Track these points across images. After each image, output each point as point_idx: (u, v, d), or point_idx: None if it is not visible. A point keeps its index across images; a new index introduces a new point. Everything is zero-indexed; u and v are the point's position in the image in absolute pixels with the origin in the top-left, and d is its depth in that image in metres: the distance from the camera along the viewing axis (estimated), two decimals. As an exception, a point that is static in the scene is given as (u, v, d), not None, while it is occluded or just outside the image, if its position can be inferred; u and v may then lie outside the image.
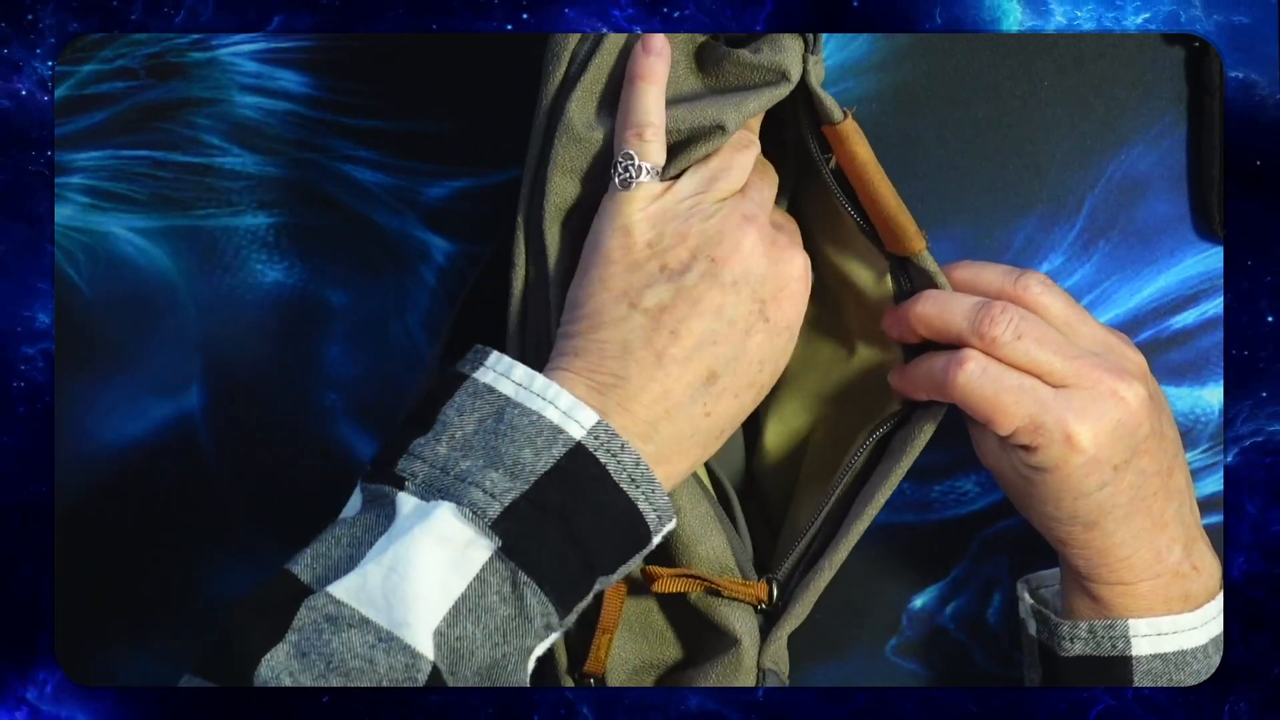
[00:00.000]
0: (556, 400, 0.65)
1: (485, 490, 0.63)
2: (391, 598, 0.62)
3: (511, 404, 0.65)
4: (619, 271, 0.67)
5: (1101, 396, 0.70)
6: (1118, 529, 0.72)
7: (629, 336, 0.67)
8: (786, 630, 0.74)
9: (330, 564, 0.63)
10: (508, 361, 0.66)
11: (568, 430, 0.64)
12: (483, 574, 0.63)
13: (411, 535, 0.62)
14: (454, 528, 0.63)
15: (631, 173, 0.68)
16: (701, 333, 0.67)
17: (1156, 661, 0.73)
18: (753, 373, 0.68)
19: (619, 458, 0.65)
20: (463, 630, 0.62)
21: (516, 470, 0.64)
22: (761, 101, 0.70)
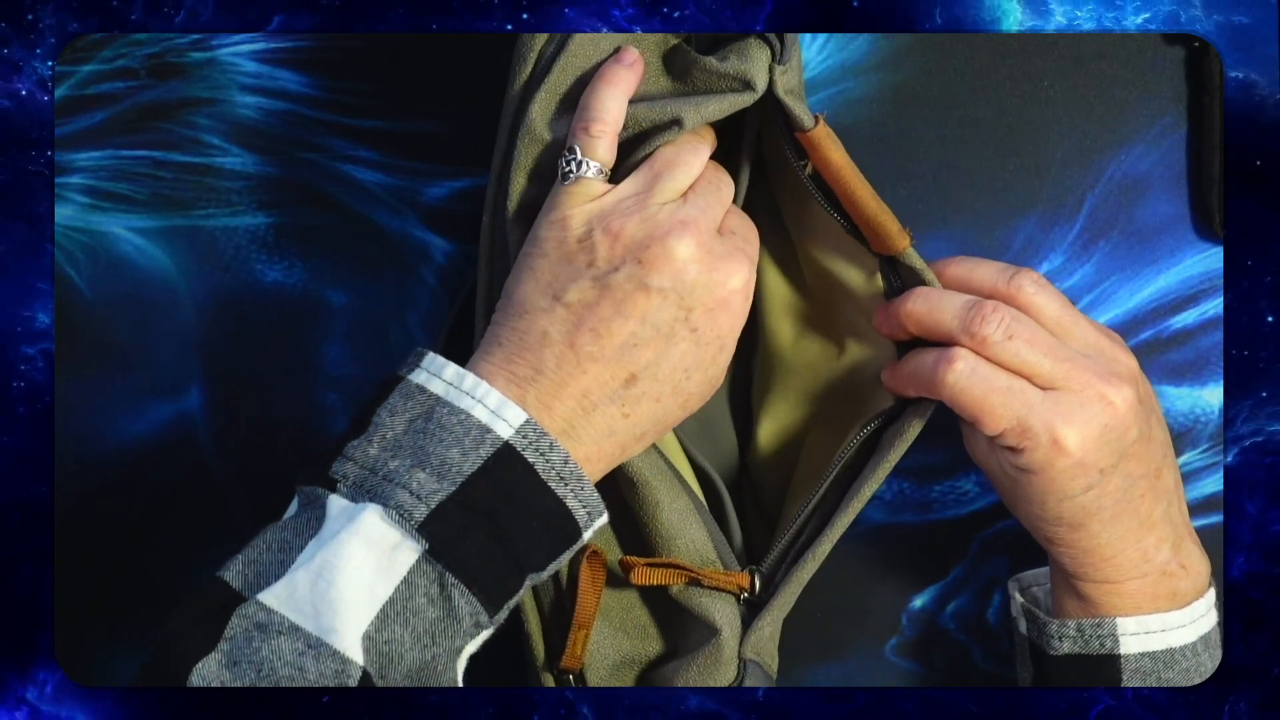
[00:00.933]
0: (485, 399, 0.65)
1: (412, 492, 0.63)
2: (319, 604, 0.62)
3: (441, 403, 0.65)
4: (548, 264, 0.67)
5: (1089, 400, 0.70)
6: (1104, 530, 0.72)
7: (549, 328, 0.66)
8: (769, 621, 0.74)
9: (261, 570, 0.63)
10: (440, 361, 0.66)
11: (495, 429, 0.64)
12: (410, 577, 0.63)
13: (338, 539, 0.62)
14: (380, 530, 0.63)
15: (574, 167, 0.68)
16: (624, 335, 0.66)
17: (1145, 660, 0.73)
18: (677, 379, 0.68)
19: (547, 456, 0.65)
20: (391, 634, 0.62)
21: (444, 471, 0.63)
22: (723, 105, 0.70)
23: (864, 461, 0.75)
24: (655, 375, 0.67)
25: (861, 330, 0.77)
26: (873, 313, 0.75)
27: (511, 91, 0.72)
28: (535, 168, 0.70)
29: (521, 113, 0.71)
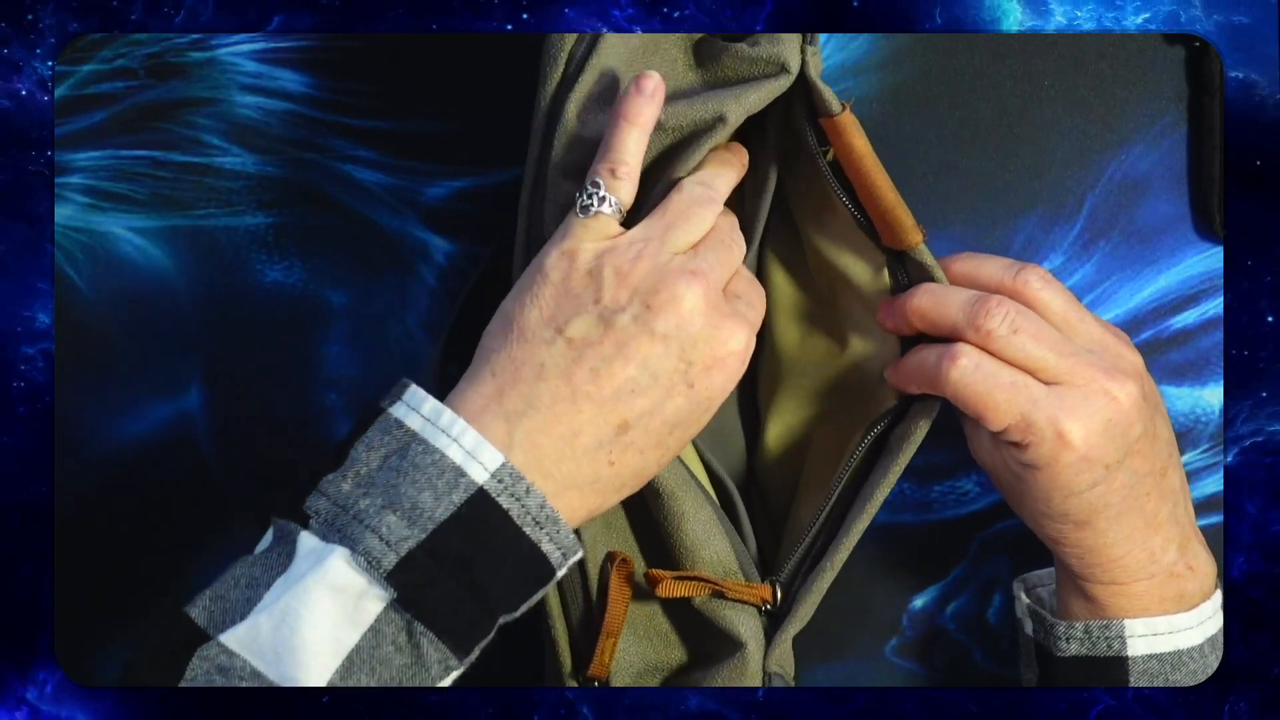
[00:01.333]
0: (461, 438, 0.63)
1: (381, 537, 0.61)
2: (281, 650, 0.60)
3: (417, 440, 0.63)
4: (553, 293, 0.65)
5: (1094, 395, 0.70)
6: (1110, 528, 0.72)
7: (547, 361, 0.64)
8: (791, 633, 0.74)
9: (227, 607, 0.62)
10: (420, 395, 0.64)
11: (470, 473, 0.62)
12: (377, 625, 0.61)
13: (304, 583, 0.61)
14: (347, 577, 0.61)
15: (594, 202, 0.67)
16: (623, 379, 0.64)
17: (1152, 662, 0.73)
18: (663, 433, 0.66)
19: (523, 501, 0.63)
20: (357, 681, 0.61)
21: (414, 516, 0.62)
22: (762, 94, 0.70)
23: (871, 464, 0.75)
24: (646, 426, 0.65)
25: (865, 327, 0.77)
26: (878, 309, 0.75)
27: (543, 92, 0.71)
28: (574, 168, 0.70)
29: (556, 114, 0.70)
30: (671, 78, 0.72)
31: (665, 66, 0.72)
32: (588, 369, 0.64)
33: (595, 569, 0.74)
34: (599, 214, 0.67)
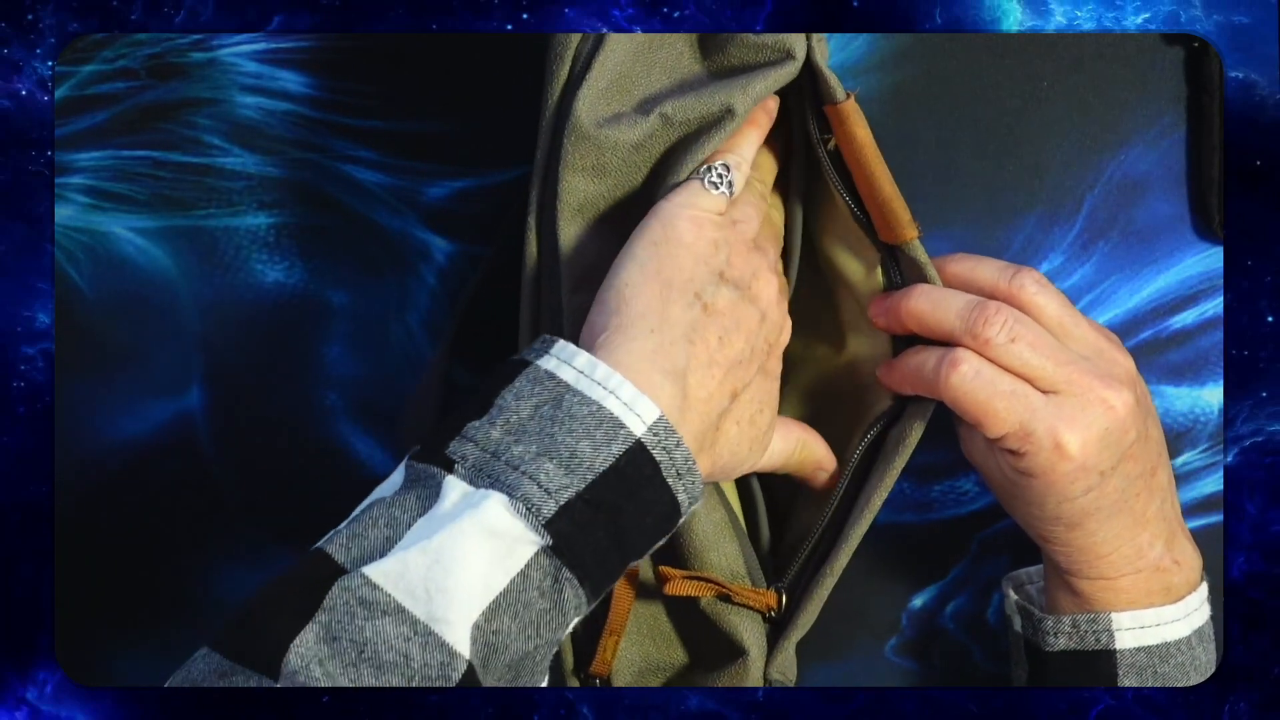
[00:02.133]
0: (619, 391, 0.63)
1: (540, 484, 0.61)
2: (433, 590, 0.60)
3: (571, 391, 0.63)
4: (688, 255, 0.67)
5: (1091, 404, 0.70)
6: (1100, 528, 0.72)
7: (692, 325, 0.66)
8: (794, 640, 0.74)
9: (367, 545, 0.61)
10: (571, 349, 0.64)
11: (628, 425, 0.63)
12: (527, 569, 0.61)
13: (459, 524, 0.60)
14: (505, 521, 0.61)
15: (720, 182, 0.69)
16: (738, 350, 0.67)
17: (1140, 655, 0.73)
18: (755, 408, 0.69)
19: (672, 454, 0.64)
20: (499, 624, 0.61)
21: (573, 464, 0.62)
22: (768, 83, 0.70)
23: (869, 466, 0.75)
24: (744, 398, 0.68)
25: (859, 326, 0.77)
26: (869, 306, 0.75)
27: (550, 90, 0.71)
28: (585, 166, 0.70)
29: (565, 111, 0.70)
30: (677, 68, 0.72)
31: (670, 57, 0.72)
32: (716, 337, 0.67)
33: None
34: (721, 193, 0.69)
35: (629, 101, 0.71)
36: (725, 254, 0.68)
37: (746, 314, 0.68)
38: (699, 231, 0.68)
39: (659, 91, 0.71)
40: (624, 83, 0.71)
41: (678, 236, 0.67)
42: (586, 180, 0.70)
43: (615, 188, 0.71)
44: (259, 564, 0.83)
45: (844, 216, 0.75)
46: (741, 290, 0.68)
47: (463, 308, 0.80)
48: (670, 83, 0.72)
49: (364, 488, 0.83)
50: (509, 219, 0.81)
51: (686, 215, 0.68)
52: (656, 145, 0.71)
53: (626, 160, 0.70)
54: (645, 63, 0.71)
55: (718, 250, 0.68)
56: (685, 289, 0.66)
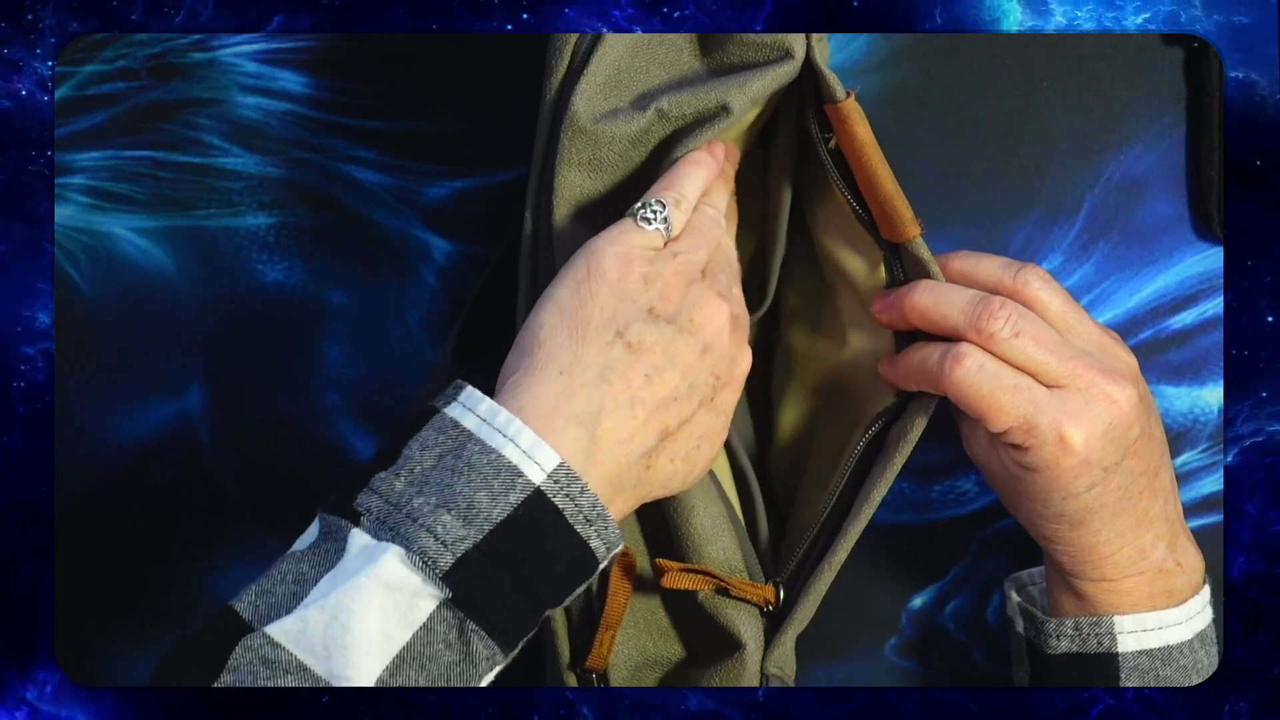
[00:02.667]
0: (518, 438, 0.63)
1: (437, 536, 0.61)
2: (332, 647, 0.60)
3: (472, 439, 0.63)
4: (611, 292, 0.66)
5: (1095, 399, 0.70)
6: (1103, 527, 0.72)
7: (609, 364, 0.65)
8: (792, 634, 0.74)
9: (273, 602, 0.62)
10: (477, 396, 0.64)
11: (526, 473, 0.62)
12: (430, 623, 0.61)
13: (357, 580, 0.61)
14: (401, 575, 0.61)
15: (654, 217, 0.68)
16: (670, 387, 0.66)
17: (1142, 658, 0.73)
18: (691, 445, 0.67)
19: (577, 501, 0.63)
20: (405, 678, 0.61)
21: (471, 515, 0.62)
22: (765, 81, 0.70)
23: (868, 464, 0.75)
24: (679, 435, 0.67)
25: (861, 322, 0.77)
26: (872, 303, 0.75)
27: (548, 85, 0.71)
28: (582, 160, 0.70)
29: (563, 106, 0.70)
30: (676, 65, 0.72)
31: (670, 54, 0.72)
32: (642, 374, 0.65)
33: None
34: (655, 229, 0.68)
35: (626, 97, 0.71)
36: (657, 289, 0.66)
37: (682, 348, 0.66)
38: (626, 268, 0.66)
39: (656, 87, 0.72)
40: (622, 78, 0.71)
41: (602, 274, 0.66)
42: (583, 175, 0.70)
43: (612, 183, 0.71)
44: (259, 564, 0.83)
45: (846, 215, 0.75)
46: (678, 324, 0.66)
47: (466, 310, 0.80)
48: (668, 79, 0.72)
49: (364, 488, 0.83)
50: (512, 220, 0.81)
51: (613, 252, 0.66)
52: (653, 140, 0.71)
53: (623, 155, 0.71)
54: (644, 59, 0.71)
55: (648, 285, 0.66)
56: (605, 327, 0.65)
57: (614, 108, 0.70)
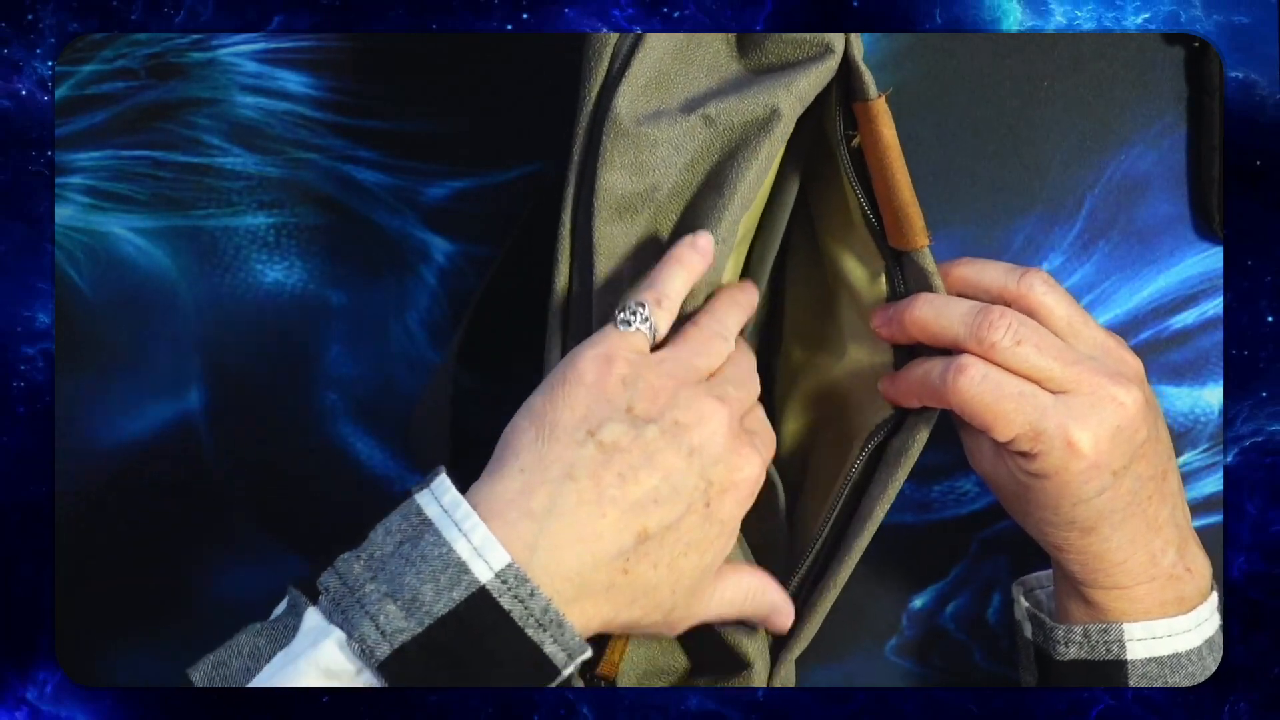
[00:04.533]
0: (472, 533, 0.62)
1: (378, 626, 0.61)
2: None
3: (431, 529, 0.62)
4: (586, 396, 0.64)
5: (1101, 402, 0.70)
6: (1114, 533, 0.72)
7: (576, 462, 0.63)
8: (795, 653, 0.74)
9: (227, 675, 0.62)
10: (445, 485, 0.63)
11: (474, 571, 0.61)
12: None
13: (298, 664, 0.61)
14: (339, 662, 0.61)
15: (635, 319, 0.67)
16: (648, 487, 0.64)
17: (1151, 665, 0.73)
18: (677, 552, 0.65)
19: (526, 604, 0.62)
20: None
21: (413, 608, 0.61)
22: (811, 80, 0.69)
23: (870, 476, 0.75)
24: (663, 539, 0.64)
25: (860, 335, 0.77)
26: (872, 316, 0.75)
27: (588, 88, 0.70)
28: (624, 163, 0.70)
29: (604, 109, 0.70)
30: (715, 68, 0.71)
31: (708, 56, 0.72)
32: (615, 473, 0.64)
33: None
34: (638, 331, 0.67)
35: (670, 100, 0.70)
36: (638, 389, 0.65)
37: (664, 449, 0.64)
38: (605, 369, 0.65)
39: (701, 91, 0.71)
40: (663, 80, 0.70)
41: (577, 377, 0.65)
42: (625, 178, 0.69)
43: (654, 187, 0.70)
44: (259, 564, 0.83)
45: (853, 222, 0.74)
46: (660, 425, 0.64)
47: (470, 312, 0.80)
48: (711, 82, 0.71)
49: (363, 488, 0.83)
50: (515, 220, 0.81)
51: (591, 354, 0.65)
52: (696, 146, 0.70)
53: (666, 160, 0.70)
54: (684, 60, 0.71)
55: (626, 386, 0.65)
56: (576, 427, 0.64)
57: (656, 110, 0.70)
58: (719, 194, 0.69)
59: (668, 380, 0.66)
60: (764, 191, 0.77)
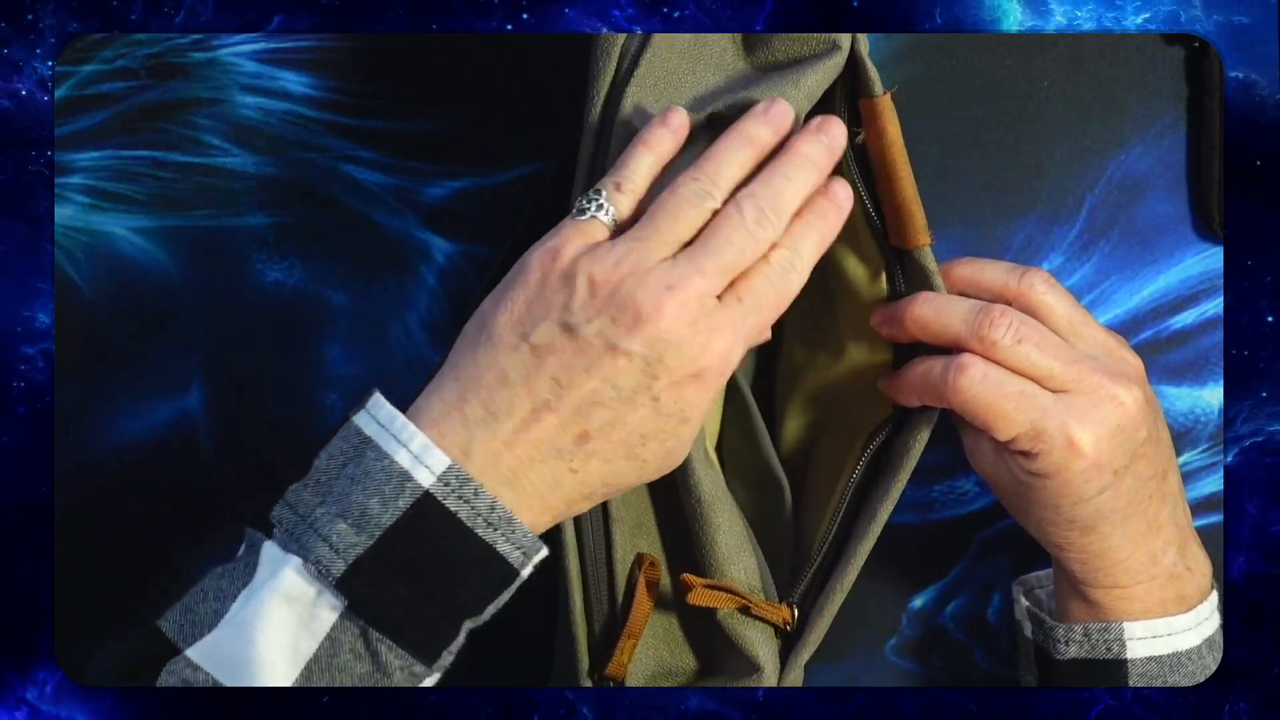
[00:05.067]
0: (410, 443, 0.62)
1: (331, 545, 0.61)
2: (243, 663, 0.60)
3: (371, 446, 0.62)
4: (525, 298, 0.63)
5: (1101, 401, 0.70)
6: (1114, 532, 0.72)
7: (509, 368, 0.63)
8: (805, 657, 0.73)
9: (195, 620, 0.62)
10: (379, 402, 0.63)
11: (416, 477, 0.61)
12: (333, 633, 0.61)
13: (261, 594, 0.61)
14: (299, 586, 0.61)
15: (591, 207, 0.65)
16: (585, 392, 0.62)
17: (1151, 664, 0.73)
18: (631, 444, 0.64)
19: (472, 503, 0.62)
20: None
21: (363, 522, 0.61)
22: (819, 76, 0.69)
23: (871, 477, 0.75)
24: (608, 436, 0.63)
25: (859, 334, 0.77)
26: (871, 314, 0.75)
27: (597, 89, 0.70)
28: None
29: (613, 107, 0.69)
30: (722, 67, 0.71)
31: (716, 55, 0.71)
32: (549, 378, 0.63)
33: (624, 570, 0.73)
34: (593, 219, 0.65)
35: (679, 99, 0.70)
36: (578, 285, 0.63)
37: (600, 351, 0.62)
38: (549, 265, 0.63)
39: (710, 90, 0.71)
40: (672, 79, 0.70)
41: (523, 278, 0.64)
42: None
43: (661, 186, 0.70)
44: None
45: (854, 220, 0.74)
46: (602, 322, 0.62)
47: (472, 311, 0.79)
48: (719, 80, 0.71)
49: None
50: (518, 221, 0.81)
51: (539, 252, 0.64)
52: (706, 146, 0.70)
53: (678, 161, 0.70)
54: (692, 60, 0.71)
55: (566, 284, 0.63)
56: (512, 330, 0.63)
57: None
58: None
59: (614, 270, 0.63)
60: None
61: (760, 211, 0.64)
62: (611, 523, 0.72)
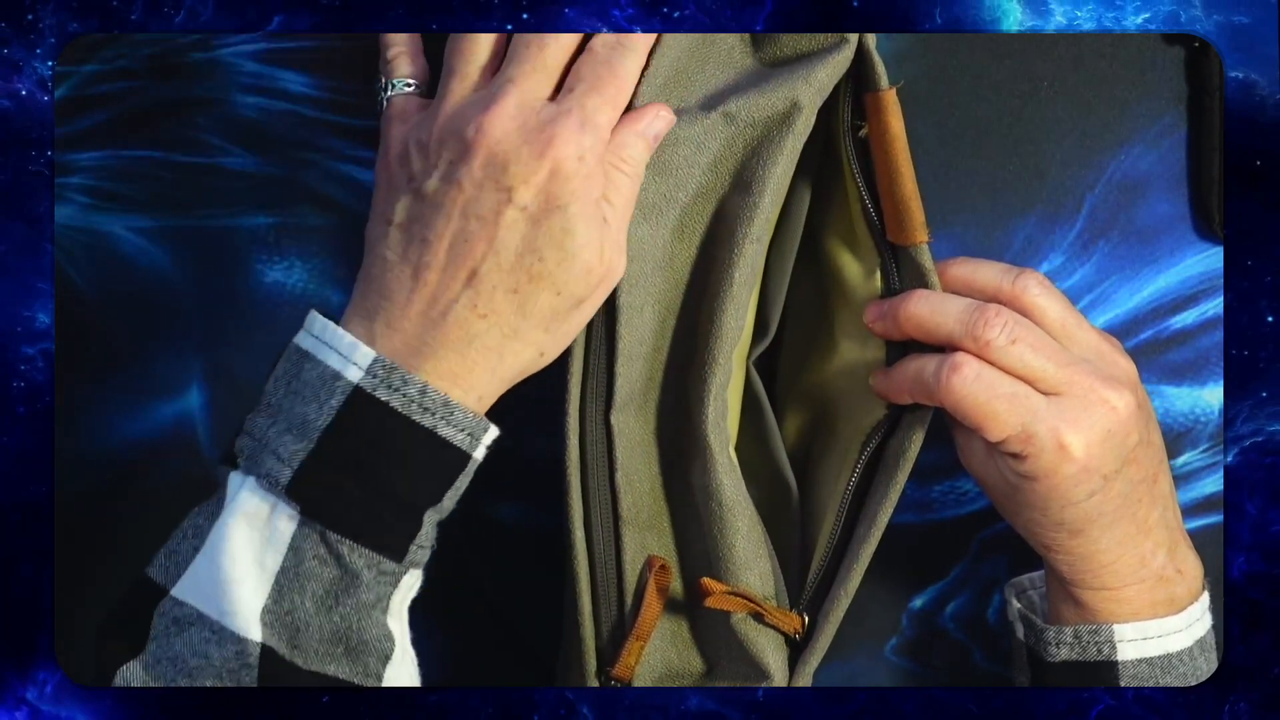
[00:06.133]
0: (337, 344, 0.64)
1: (279, 456, 0.63)
2: (214, 588, 0.62)
3: (307, 358, 0.65)
4: (379, 194, 0.67)
5: (1093, 405, 0.70)
6: (1103, 535, 0.72)
7: (385, 253, 0.65)
8: (813, 664, 0.73)
9: (179, 560, 0.64)
10: (313, 316, 0.66)
11: (345, 375, 0.63)
12: (294, 542, 0.62)
13: (223, 518, 0.63)
14: (254, 503, 0.63)
15: (383, 94, 0.69)
16: (450, 235, 0.64)
17: (1142, 666, 0.73)
18: (528, 263, 0.64)
19: (403, 391, 0.63)
20: (291, 603, 0.62)
21: (304, 429, 0.63)
22: (829, 70, 0.69)
23: (869, 478, 0.75)
24: (498, 265, 0.64)
25: (852, 332, 0.77)
26: (865, 311, 0.75)
27: None
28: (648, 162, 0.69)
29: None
30: (730, 64, 0.71)
31: (722, 51, 0.71)
32: (418, 242, 0.65)
33: (634, 572, 0.73)
34: (393, 100, 0.69)
35: (689, 98, 0.70)
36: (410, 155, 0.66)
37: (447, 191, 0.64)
38: (383, 161, 0.67)
39: (719, 88, 0.71)
40: (681, 78, 0.70)
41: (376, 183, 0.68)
42: (648, 177, 0.69)
43: (676, 186, 0.70)
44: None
45: (851, 216, 0.74)
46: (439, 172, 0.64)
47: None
48: (728, 77, 0.71)
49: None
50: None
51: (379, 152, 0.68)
52: (719, 144, 0.70)
53: (688, 159, 0.70)
54: (700, 57, 0.71)
55: (401, 164, 0.66)
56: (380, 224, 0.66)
57: (676, 109, 0.69)
58: (748, 193, 0.69)
59: (430, 124, 0.66)
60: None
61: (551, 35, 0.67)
62: (621, 524, 0.72)
